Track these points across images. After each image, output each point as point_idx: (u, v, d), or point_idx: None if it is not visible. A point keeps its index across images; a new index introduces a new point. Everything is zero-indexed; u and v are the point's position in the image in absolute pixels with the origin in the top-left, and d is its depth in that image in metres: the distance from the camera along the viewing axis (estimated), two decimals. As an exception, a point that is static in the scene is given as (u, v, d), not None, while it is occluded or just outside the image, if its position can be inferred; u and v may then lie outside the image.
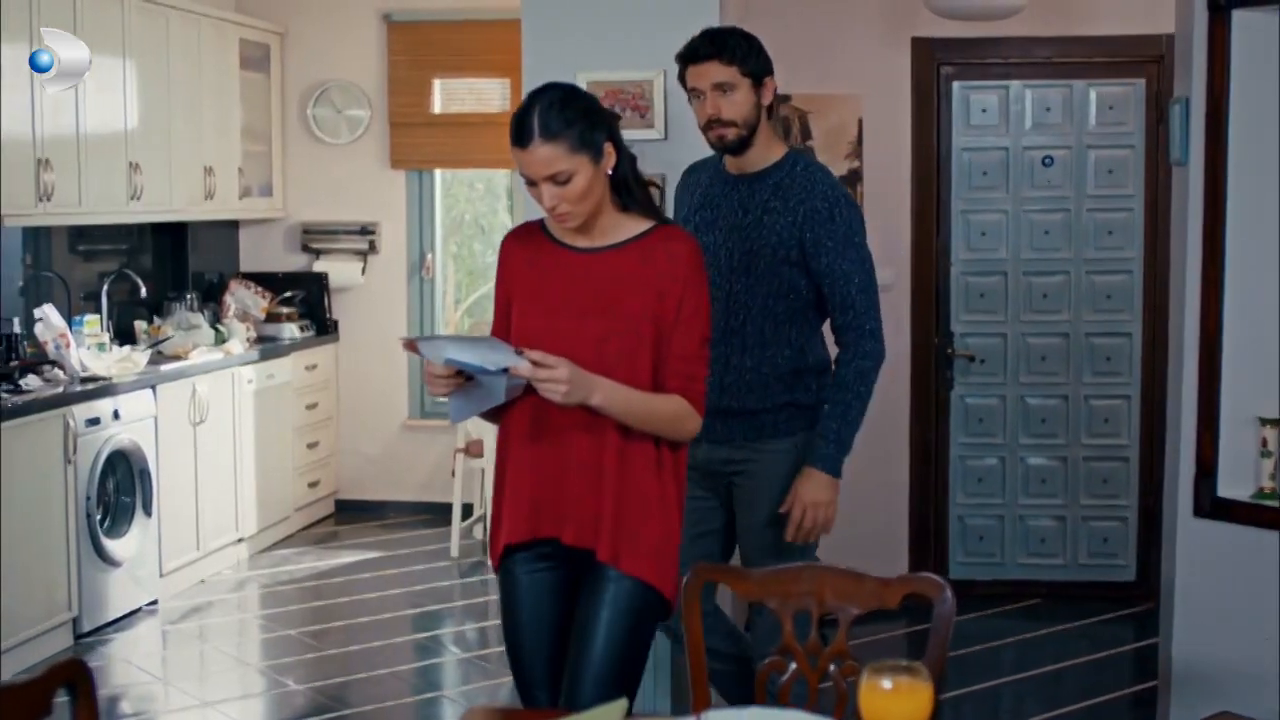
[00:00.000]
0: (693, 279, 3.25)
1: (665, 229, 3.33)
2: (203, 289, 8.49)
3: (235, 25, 8.35)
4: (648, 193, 3.36)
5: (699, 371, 3.28)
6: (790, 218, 3.94)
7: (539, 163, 3.15)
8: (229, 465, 7.65)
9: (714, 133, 3.97)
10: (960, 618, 6.45)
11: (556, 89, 3.24)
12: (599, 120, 3.23)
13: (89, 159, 6.81)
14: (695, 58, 3.96)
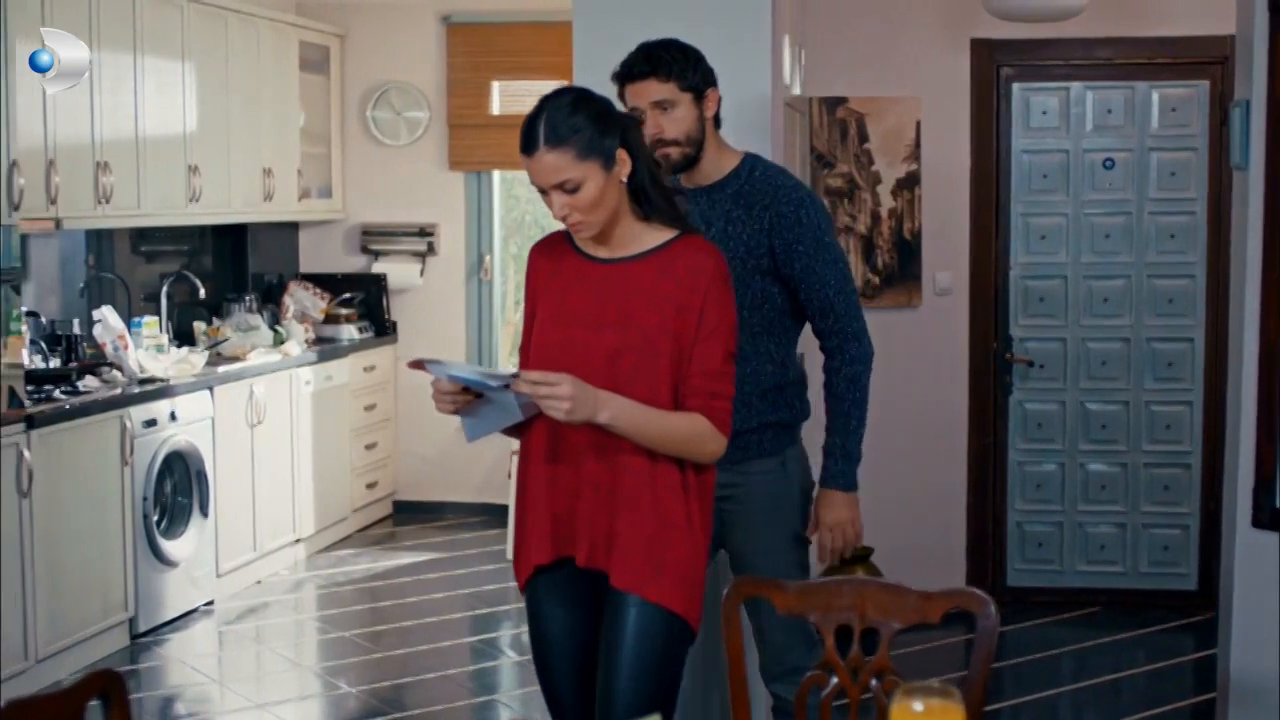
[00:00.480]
0: (714, 292, 3.12)
1: (687, 240, 3.19)
2: (262, 290, 8.53)
3: (295, 27, 8.38)
4: (671, 202, 3.21)
5: (722, 389, 3.14)
6: (756, 225, 3.78)
7: (546, 170, 3.05)
8: (286, 466, 7.68)
9: (659, 152, 3.75)
10: (1018, 626, 6.51)
11: (567, 92, 3.14)
12: (610, 125, 3.10)
13: (148, 161, 6.85)
14: (631, 76, 3.79)
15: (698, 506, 3.18)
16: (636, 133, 3.18)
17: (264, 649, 6.61)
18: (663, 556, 3.11)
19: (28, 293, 6.80)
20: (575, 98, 3.12)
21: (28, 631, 5.69)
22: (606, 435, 3.06)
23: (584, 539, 3.14)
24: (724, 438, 3.15)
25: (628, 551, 3.10)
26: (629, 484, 3.10)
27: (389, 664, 6.30)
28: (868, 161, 6.54)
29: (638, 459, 3.09)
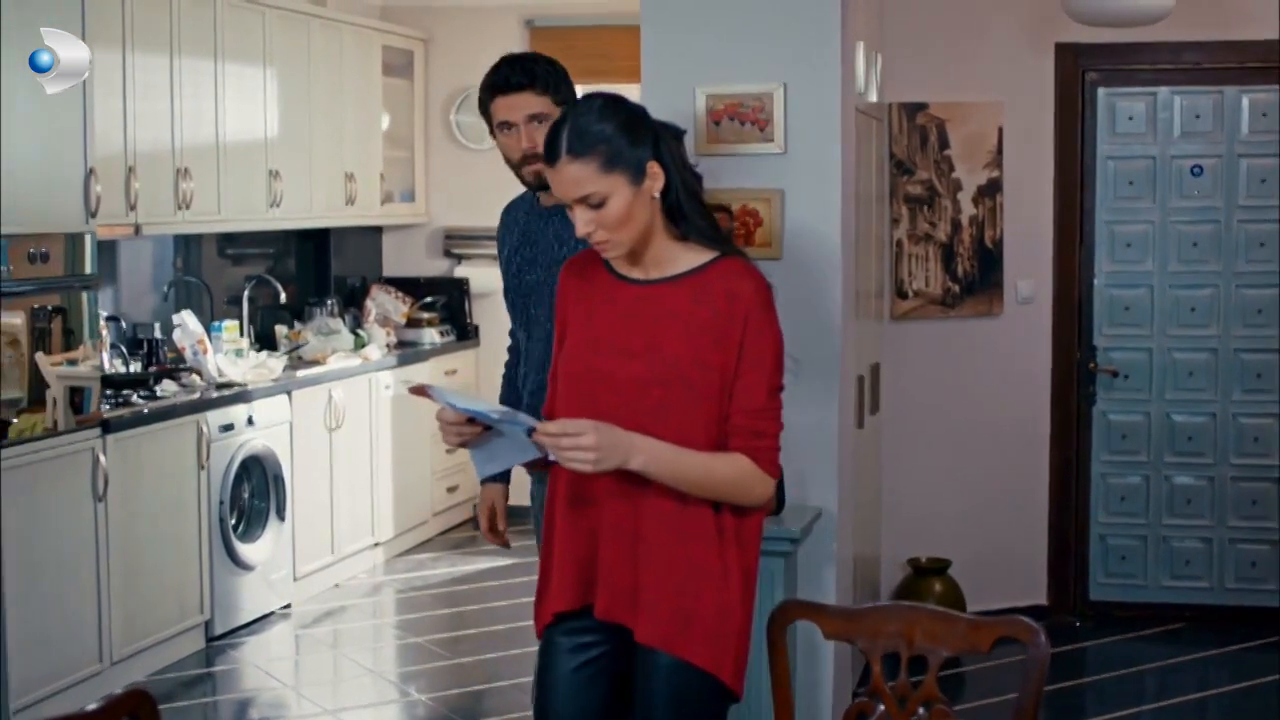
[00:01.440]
0: (755, 321, 2.87)
1: (728, 263, 2.93)
2: (344, 294, 8.57)
3: (378, 32, 8.41)
4: (711, 219, 2.97)
5: (767, 428, 2.90)
6: None
7: (568, 182, 2.84)
8: (365, 470, 7.70)
9: (530, 168, 3.64)
10: (1100, 641, 6.39)
11: (595, 99, 2.91)
12: (641, 135, 2.87)
13: (229, 167, 6.89)
14: (506, 88, 3.68)
15: (735, 554, 2.92)
16: (673, 143, 2.94)
17: (340, 653, 6.62)
18: (690, 609, 2.87)
19: (116, 297, 6.87)
20: (604, 103, 2.89)
21: (103, 634, 5.74)
22: (633, 477, 2.82)
23: (604, 588, 2.92)
24: (771, 480, 2.92)
25: (653, 605, 2.87)
26: (654, 530, 2.87)
27: (463, 671, 6.29)
28: (948, 168, 6.44)
29: (665, 502, 2.86)
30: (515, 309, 3.86)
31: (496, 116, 3.70)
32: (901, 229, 6.37)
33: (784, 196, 4.65)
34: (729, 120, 4.68)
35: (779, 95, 4.62)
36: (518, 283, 3.81)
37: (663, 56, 4.75)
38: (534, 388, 3.72)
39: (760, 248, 4.65)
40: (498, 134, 3.73)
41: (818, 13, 4.62)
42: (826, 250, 4.66)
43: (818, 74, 4.63)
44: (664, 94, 4.72)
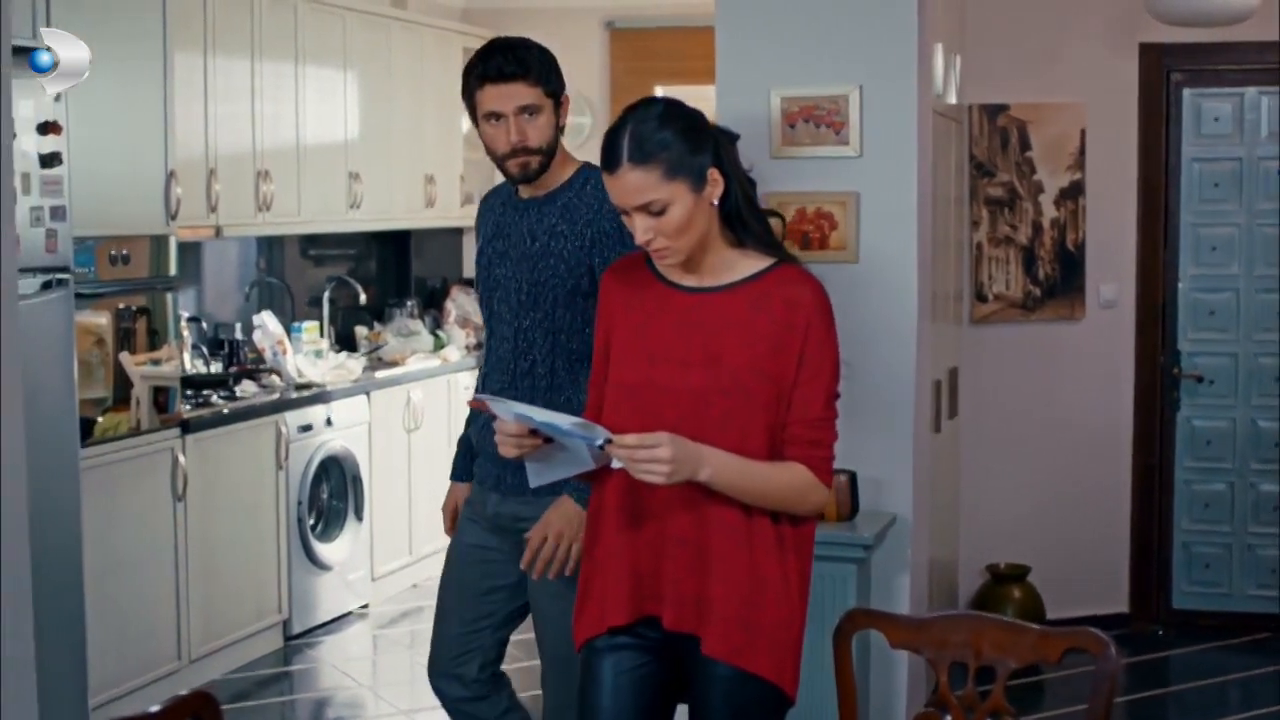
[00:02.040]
0: (816, 330, 2.83)
1: (785, 270, 2.90)
2: (425, 295, 8.60)
3: (459, 34, 8.44)
4: (766, 226, 2.94)
5: (824, 437, 2.87)
6: (578, 242, 3.50)
7: (630, 190, 2.78)
8: (443, 472, 7.68)
9: (516, 161, 3.48)
10: (1183, 650, 6.30)
11: (655, 103, 2.87)
12: (702, 141, 2.83)
13: (308, 169, 6.94)
14: (499, 76, 3.45)
15: (795, 563, 2.91)
16: (730, 149, 2.91)
17: (416, 654, 6.65)
18: (756, 620, 2.84)
19: (199, 297, 6.94)
20: (664, 109, 2.85)
21: (181, 633, 5.79)
22: (695, 487, 2.79)
23: (670, 600, 2.88)
24: (826, 489, 2.89)
25: (724, 616, 2.83)
26: (721, 541, 2.84)
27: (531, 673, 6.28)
28: (1029, 170, 6.37)
29: (731, 513, 2.83)
30: (483, 303, 3.72)
31: (484, 106, 3.47)
32: (981, 232, 6.31)
33: (859, 200, 4.60)
34: (804, 123, 4.64)
35: (855, 97, 4.58)
36: (487, 275, 3.66)
37: (737, 59, 4.72)
38: (497, 388, 3.60)
39: (835, 251, 4.62)
40: (482, 124, 3.52)
41: (894, 13, 4.57)
42: (902, 254, 4.61)
43: (894, 75, 4.58)
44: (739, 97, 4.70)
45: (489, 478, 3.65)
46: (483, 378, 3.78)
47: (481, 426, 3.67)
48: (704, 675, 2.89)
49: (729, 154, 2.89)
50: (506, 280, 3.58)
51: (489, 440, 3.49)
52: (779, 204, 4.64)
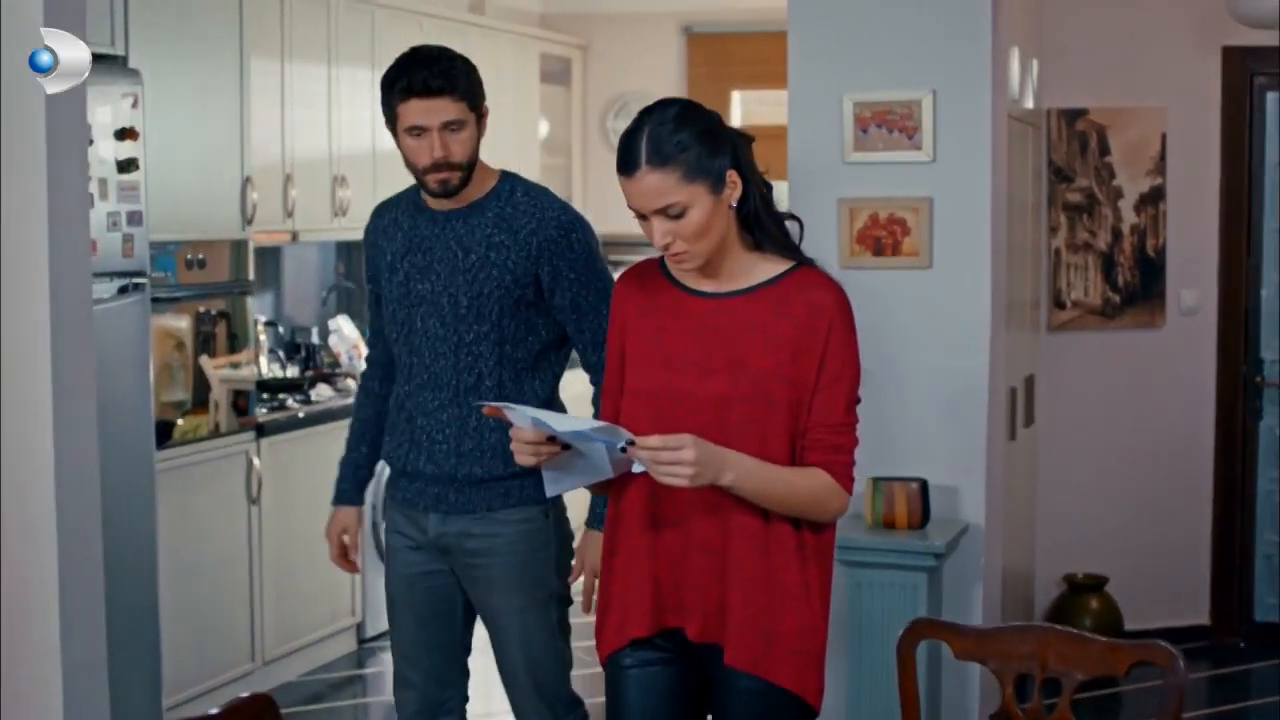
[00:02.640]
0: (837, 334, 2.78)
1: (804, 273, 2.84)
2: (501, 300, 8.62)
3: (536, 40, 8.45)
4: (783, 229, 2.87)
5: (845, 442, 2.81)
6: (522, 251, 3.43)
7: (648, 193, 2.73)
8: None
9: (438, 176, 3.40)
10: (1265, 664, 6.18)
11: (672, 105, 2.81)
12: (720, 143, 2.77)
13: (383, 175, 6.96)
14: (425, 91, 3.36)
15: (815, 571, 2.84)
16: (748, 151, 2.84)
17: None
18: (774, 629, 2.78)
19: (278, 302, 6.99)
20: (681, 111, 2.79)
21: (255, 635, 5.83)
22: (716, 493, 2.74)
23: (696, 610, 2.83)
24: (847, 495, 2.83)
25: (742, 626, 2.79)
26: (741, 548, 2.78)
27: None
28: (1109, 175, 6.29)
29: (752, 519, 2.77)
30: (395, 320, 3.57)
31: (406, 120, 3.39)
32: (1059, 237, 6.24)
33: (932, 205, 4.57)
34: (876, 128, 4.61)
35: (928, 102, 4.55)
36: (404, 291, 3.53)
37: (809, 64, 4.70)
38: (434, 405, 3.51)
39: (908, 256, 4.58)
40: (403, 136, 3.42)
41: (968, 17, 4.53)
42: (975, 259, 4.57)
43: (968, 80, 4.54)
44: (811, 102, 4.68)
45: (423, 499, 3.56)
46: (400, 396, 3.61)
47: (403, 446, 3.57)
48: (726, 686, 2.85)
49: (746, 156, 2.84)
50: (435, 295, 3.48)
51: (419, 459, 3.54)
52: (851, 209, 4.61)
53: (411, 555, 3.62)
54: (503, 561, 3.50)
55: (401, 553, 3.64)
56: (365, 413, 3.82)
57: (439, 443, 3.50)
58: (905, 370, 4.58)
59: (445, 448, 3.49)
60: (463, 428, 3.48)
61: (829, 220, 4.63)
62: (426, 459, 3.52)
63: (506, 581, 3.51)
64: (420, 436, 3.54)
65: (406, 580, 3.64)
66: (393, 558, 3.68)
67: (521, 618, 3.53)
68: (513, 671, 3.59)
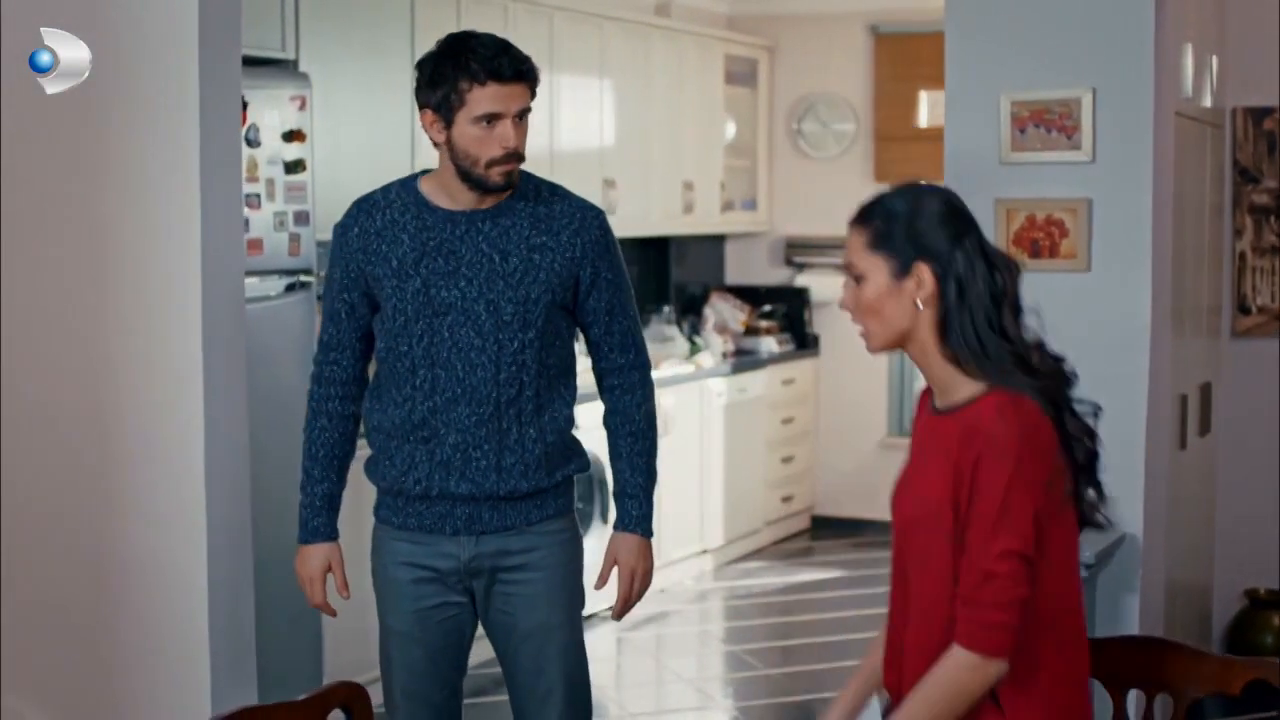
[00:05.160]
0: (988, 464, 2.45)
1: (993, 397, 2.52)
2: (685, 301, 8.65)
3: (721, 41, 8.46)
4: (1003, 348, 2.54)
5: (986, 595, 2.44)
6: (567, 254, 3.30)
7: (847, 246, 2.63)
8: (694, 477, 7.75)
9: (505, 168, 3.22)
10: None
11: (917, 185, 2.66)
12: (933, 235, 2.55)
13: (561, 175, 6.97)
14: (513, 76, 3.20)
15: None
16: (975, 260, 2.57)
17: (664, 657, 6.69)
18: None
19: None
20: (919, 189, 2.64)
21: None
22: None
23: None
24: (991, 661, 2.45)
25: None
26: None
27: (787, 681, 6.27)
28: (1299, 176, 6.06)
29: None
30: (408, 332, 3.32)
31: (481, 106, 3.17)
32: (1245, 241, 6.03)
33: (1091, 206, 4.45)
34: (1034, 127, 4.51)
35: (1087, 101, 4.43)
36: (424, 300, 3.28)
37: (966, 62, 4.62)
38: (470, 423, 3.30)
39: (1065, 259, 4.47)
40: (469, 125, 3.20)
41: (1130, 12, 4.40)
42: (1136, 262, 4.44)
43: (1129, 78, 4.41)
44: (968, 101, 4.61)
45: (450, 522, 3.35)
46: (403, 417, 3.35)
47: (421, 469, 3.34)
48: None
49: (967, 263, 2.56)
50: (469, 303, 3.28)
51: (449, 481, 3.31)
52: (1008, 210, 4.52)
53: (425, 588, 3.37)
54: (546, 575, 3.37)
55: (410, 586, 3.38)
56: (329, 437, 3.45)
57: (476, 460, 3.29)
58: (1062, 375, 4.47)
59: (484, 464, 3.29)
60: (503, 442, 3.29)
61: (986, 222, 4.45)
62: (459, 479, 3.32)
63: (550, 596, 3.37)
64: (451, 456, 3.32)
65: (418, 615, 3.38)
66: (397, 592, 3.40)
67: (562, 633, 3.40)
68: (548, 690, 3.39)
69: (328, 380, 3.44)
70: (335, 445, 3.45)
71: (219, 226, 4.03)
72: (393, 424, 3.35)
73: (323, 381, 3.44)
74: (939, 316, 2.55)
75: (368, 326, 3.40)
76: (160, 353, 4.12)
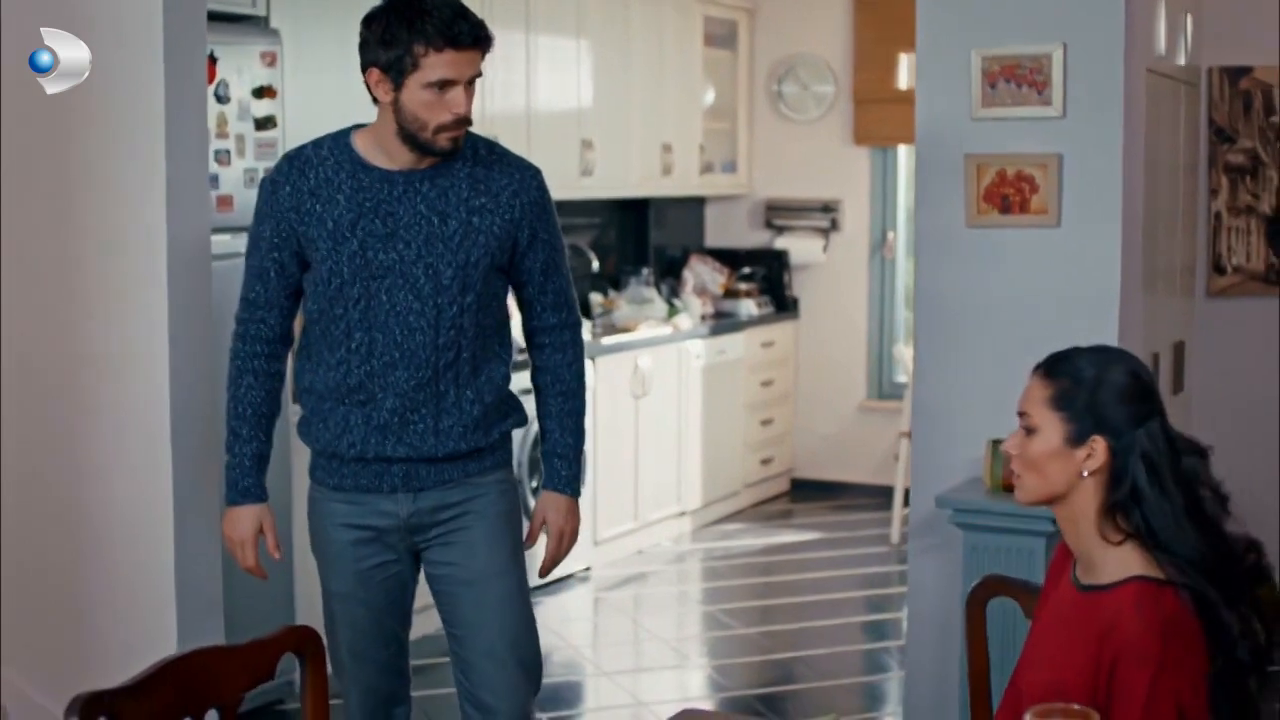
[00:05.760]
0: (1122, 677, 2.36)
1: (1133, 588, 2.41)
2: (664, 264, 8.64)
3: (700, 2, 8.42)
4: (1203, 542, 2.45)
5: None
6: (506, 215, 3.24)
7: (1025, 395, 2.56)
8: (672, 438, 7.75)
9: (452, 134, 3.15)
10: None
11: (1118, 354, 2.58)
12: (1112, 407, 2.48)
13: (538, 136, 7.01)
14: (471, 42, 3.10)
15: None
16: (1159, 442, 2.49)
17: (640, 616, 6.70)
18: None
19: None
20: (1114, 356, 2.55)
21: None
22: None
23: None
24: None
25: None
26: None
27: (766, 640, 6.28)
28: (1274, 136, 6.06)
29: None
30: (344, 295, 3.22)
31: (435, 72, 3.08)
32: (1220, 201, 6.03)
33: (1062, 161, 4.44)
34: (1005, 83, 4.50)
35: (1058, 56, 4.42)
36: (361, 263, 3.20)
37: (937, 17, 4.60)
38: (410, 386, 3.23)
39: (1035, 215, 4.47)
40: (420, 89, 3.11)
41: (1099, -34, 4.40)
42: (1107, 218, 4.43)
43: (1100, 33, 4.39)
44: (938, 57, 4.59)
45: (386, 480, 3.29)
46: (339, 380, 3.27)
47: (357, 431, 3.27)
48: None
49: (1151, 443, 2.49)
50: (406, 266, 3.20)
51: (386, 444, 3.25)
52: (979, 166, 4.51)
53: (364, 549, 3.31)
54: (487, 522, 3.32)
55: (349, 547, 3.32)
56: (255, 395, 3.34)
57: (414, 424, 3.24)
58: (1032, 331, 4.46)
59: (422, 428, 3.24)
60: (440, 405, 3.25)
61: (956, 177, 4.54)
62: (396, 442, 3.26)
63: (491, 541, 3.33)
64: (389, 420, 3.25)
65: (359, 575, 3.33)
66: (337, 553, 3.34)
67: (503, 581, 3.34)
68: (490, 644, 3.34)
69: (254, 338, 3.33)
70: (262, 404, 3.34)
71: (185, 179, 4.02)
72: (326, 386, 3.29)
73: (248, 339, 3.33)
74: (1105, 493, 2.47)
75: (297, 284, 3.31)
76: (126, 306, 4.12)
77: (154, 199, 3.99)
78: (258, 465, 3.36)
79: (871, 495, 8.60)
